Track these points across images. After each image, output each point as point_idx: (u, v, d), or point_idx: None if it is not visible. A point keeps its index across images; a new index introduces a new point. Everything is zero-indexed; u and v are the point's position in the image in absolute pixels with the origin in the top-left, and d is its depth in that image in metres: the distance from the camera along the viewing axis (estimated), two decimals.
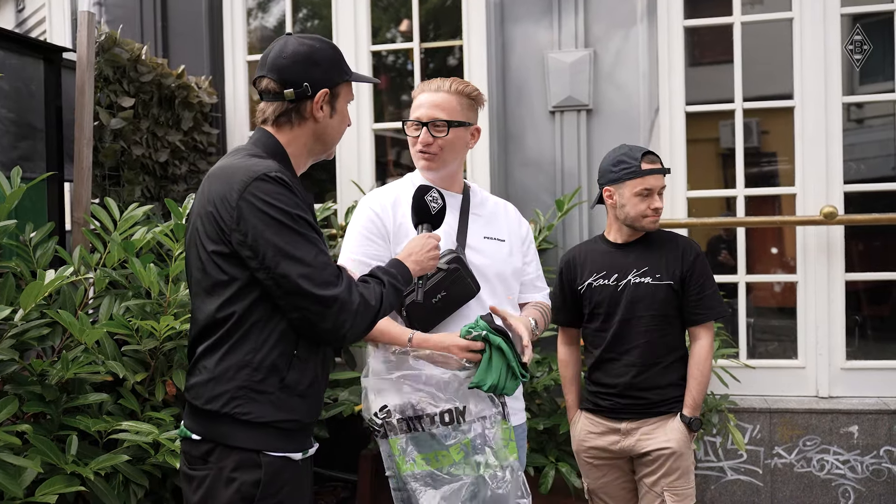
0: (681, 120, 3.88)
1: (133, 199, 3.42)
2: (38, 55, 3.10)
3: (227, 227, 1.63)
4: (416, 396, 1.99)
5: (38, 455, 2.06)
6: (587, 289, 2.65)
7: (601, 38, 3.91)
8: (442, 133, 2.15)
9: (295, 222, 1.63)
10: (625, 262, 2.61)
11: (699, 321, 2.58)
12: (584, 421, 2.68)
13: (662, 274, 2.57)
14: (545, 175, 3.94)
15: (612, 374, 2.60)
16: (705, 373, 2.56)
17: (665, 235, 2.66)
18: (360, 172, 4.15)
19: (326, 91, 1.77)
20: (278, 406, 1.67)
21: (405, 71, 4.83)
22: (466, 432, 1.99)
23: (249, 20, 4.44)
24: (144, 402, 2.56)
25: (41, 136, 3.09)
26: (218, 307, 1.67)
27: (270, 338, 1.66)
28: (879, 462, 3.61)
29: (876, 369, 3.77)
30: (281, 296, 1.63)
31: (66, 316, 2.28)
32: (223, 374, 1.66)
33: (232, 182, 1.65)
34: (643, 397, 2.56)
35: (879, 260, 3.99)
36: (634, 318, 2.57)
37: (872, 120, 4.93)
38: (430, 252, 1.94)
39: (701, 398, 2.56)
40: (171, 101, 3.74)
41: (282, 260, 1.60)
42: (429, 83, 2.21)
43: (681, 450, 2.53)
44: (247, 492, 1.64)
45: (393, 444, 2.00)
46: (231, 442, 1.66)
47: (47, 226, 2.71)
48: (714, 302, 2.59)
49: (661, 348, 2.57)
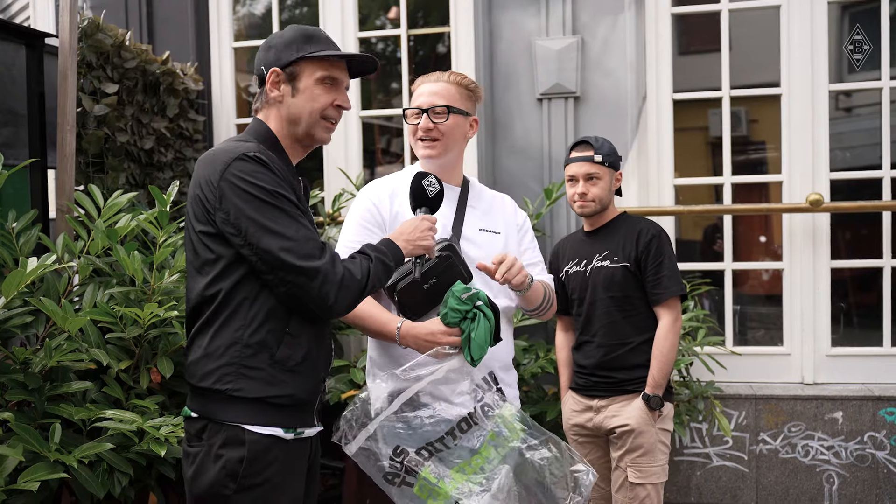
0: (668, 107, 3.88)
1: (117, 186, 3.40)
2: (20, 41, 3.06)
3: (212, 207, 1.69)
4: (428, 427, 1.99)
5: (20, 443, 2.05)
6: (566, 276, 2.83)
7: (589, 26, 3.90)
8: (441, 119, 2.20)
9: (274, 198, 1.67)
10: (591, 249, 2.77)
11: (658, 301, 2.66)
12: (570, 400, 2.83)
13: (619, 256, 2.69)
14: (533, 163, 3.94)
15: (586, 355, 2.75)
16: (664, 352, 2.62)
17: (628, 220, 2.78)
18: (348, 160, 4.14)
19: (274, 70, 1.81)
20: (269, 382, 1.71)
21: (394, 58, 4.81)
22: (486, 427, 2.00)
23: (236, 6, 4.40)
24: (129, 390, 2.55)
25: (23, 123, 3.06)
26: (206, 285, 1.72)
27: (259, 315, 1.70)
28: (863, 448, 3.64)
29: (861, 356, 3.80)
30: (266, 271, 1.67)
31: (50, 304, 2.27)
32: (214, 352, 1.71)
33: (215, 164, 1.71)
34: (611, 376, 2.69)
35: (865, 247, 4.02)
36: (598, 301, 2.71)
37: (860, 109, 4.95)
38: (424, 232, 1.95)
39: (661, 376, 2.61)
40: (155, 88, 3.70)
41: (263, 235, 1.65)
42: (429, 75, 2.28)
43: (640, 427, 2.60)
44: (232, 469, 1.68)
45: (426, 475, 1.96)
46: (220, 417, 1.71)
47: (30, 213, 2.69)
48: (670, 282, 2.65)
49: (625, 329, 2.68)
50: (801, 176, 3.78)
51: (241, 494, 1.68)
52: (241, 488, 1.68)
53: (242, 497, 1.68)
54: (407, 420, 1.98)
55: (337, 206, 3.82)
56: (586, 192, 2.70)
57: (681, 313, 2.70)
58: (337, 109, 1.86)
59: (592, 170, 2.70)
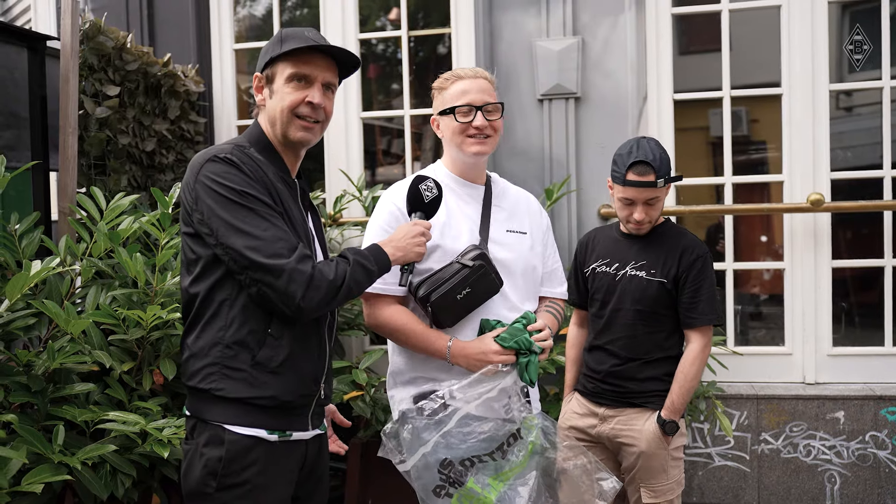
0: (669, 108, 3.88)
1: (119, 188, 3.40)
2: (22, 43, 3.07)
3: (190, 209, 1.74)
4: (478, 442, 2.00)
5: (24, 445, 2.06)
6: (591, 273, 2.67)
7: (589, 26, 3.90)
8: (496, 115, 2.20)
9: (242, 198, 1.70)
10: (626, 253, 2.60)
11: (690, 325, 2.53)
12: (573, 401, 2.71)
13: (657, 270, 2.53)
14: (534, 164, 3.94)
15: (599, 361, 2.62)
16: (689, 377, 2.48)
17: (673, 231, 2.61)
18: (349, 161, 4.14)
19: (257, 76, 1.87)
20: (250, 383, 1.72)
21: (394, 59, 4.81)
22: (527, 439, 2.01)
23: (237, 8, 4.41)
24: (132, 391, 2.56)
25: (26, 125, 3.07)
26: (189, 284, 1.78)
27: (238, 316, 1.73)
28: (865, 447, 3.64)
29: (862, 356, 3.79)
30: (238, 270, 1.70)
31: (52, 306, 2.27)
32: (199, 351, 1.75)
33: (194, 167, 1.76)
34: (622, 386, 2.56)
35: (866, 247, 4.01)
36: (623, 310, 2.56)
37: (860, 108, 4.95)
38: (415, 238, 1.94)
39: (681, 402, 2.49)
40: (157, 90, 3.71)
41: (231, 233, 1.68)
42: (460, 71, 2.24)
43: (650, 450, 2.49)
44: (212, 467, 1.71)
45: (471, 485, 1.97)
46: (205, 416, 1.74)
47: (33, 215, 2.70)
48: (707, 307, 2.51)
49: (646, 344, 2.55)
50: (801, 176, 3.78)
51: (222, 493, 1.71)
52: (222, 487, 1.70)
53: (223, 495, 1.71)
54: (459, 435, 1.99)
55: (338, 207, 3.83)
56: (645, 216, 2.51)
57: (711, 341, 2.56)
58: (310, 107, 1.81)
59: (654, 195, 2.49)
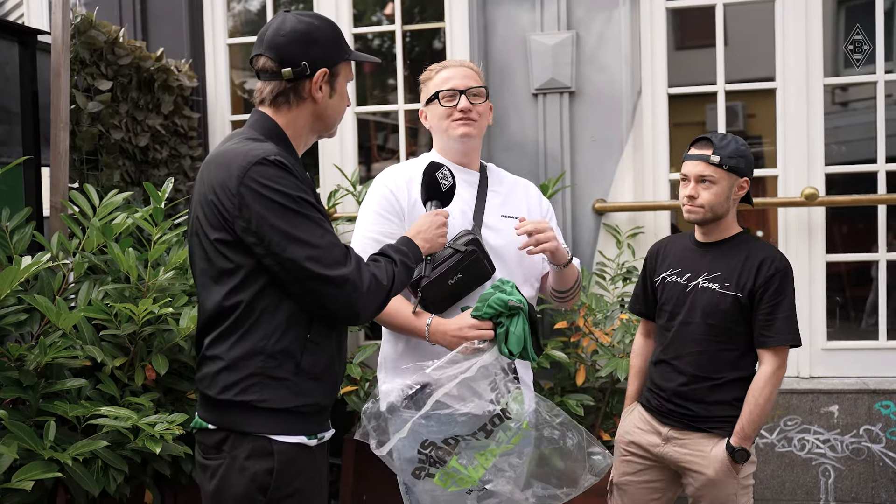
0: (663, 102, 3.88)
1: (112, 183, 3.39)
2: (12, 37, 3.04)
3: (230, 215, 1.60)
4: (459, 424, 1.95)
5: (14, 441, 2.05)
6: (661, 283, 2.52)
7: (583, 20, 3.89)
8: (480, 99, 2.19)
9: (298, 205, 1.60)
10: (699, 264, 2.44)
11: (764, 344, 2.33)
12: (636, 414, 2.56)
13: (731, 284, 2.35)
14: (528, 159, 3.93)
15: (665, 377, 2.46)
16: (760, 402, 2.29)
17: (751, 244, 2.43)
18: (343, 156, 4.13)
19: (325, 71, 1.72)
20: (295, 391, 1.66)
21: (389, 54, 4.80)
22: (519, 416, 1.96)
23: (231, 3, 4.39)
24: (124, 387, 2.55)
25: (17, 120, 3.05)
26: (225, 295, 1.64)
27: (282, 324, 1.64)
28: (859, 441, 3.65)
29: (856, 350, 3.80)
30: (291, 281, 1.60)
31: (44, 301, 2.26)
32: (236, 363, 1.64)
33: (231, 168, 1.62)
34: (688, 408, 2.40)
35: (860, 241, 4.02)
36: (693, 324, 2.39)
37: (855, 103, 4.96)
38: (439, 229, 1.93)
39: (752, 428, 2.31)
40: (150, 85, 3.69)
41: (288, 244, 1.58)
42: (446, 63, 2.25)
43: (719, 478, 2.33)
44: (261, 481, 1.62)
45: (454, 465, 1.93)
46: (244, 428, 1.64)
47: (24, 211, 2.69)
48: (785, 326, 2.31)
49: (717, 363, 2.37)
50: (796, 170, 3.78)
51: None
52: (272, 500, 1.62)
53: None
54: (437, 417, 1.94)
55: (332, 202, 3.82)
56: (696, 195, 2.35)
57: (786, 363, 2.35)
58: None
59: (707, 171, 2.33)
